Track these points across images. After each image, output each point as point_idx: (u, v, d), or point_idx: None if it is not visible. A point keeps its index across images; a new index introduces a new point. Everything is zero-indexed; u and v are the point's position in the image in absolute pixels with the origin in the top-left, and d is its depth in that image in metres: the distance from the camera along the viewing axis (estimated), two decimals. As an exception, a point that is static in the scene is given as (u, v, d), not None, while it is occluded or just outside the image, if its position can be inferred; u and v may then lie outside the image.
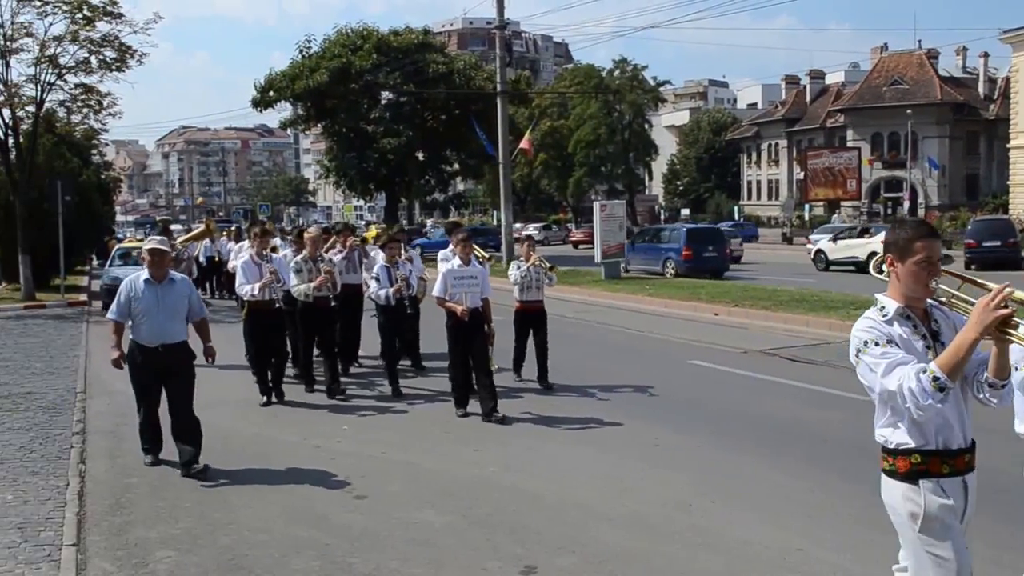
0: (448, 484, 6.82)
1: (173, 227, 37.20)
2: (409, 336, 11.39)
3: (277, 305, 10.03)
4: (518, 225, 51.60)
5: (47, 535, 5.77)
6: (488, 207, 75.65)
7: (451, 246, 10.43)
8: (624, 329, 15.83)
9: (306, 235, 10.62)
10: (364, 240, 13.01)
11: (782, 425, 8.57)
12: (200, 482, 6.89)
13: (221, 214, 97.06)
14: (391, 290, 10.02)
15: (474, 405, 9.04)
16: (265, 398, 9.78)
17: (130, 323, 7.18)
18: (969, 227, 31.60)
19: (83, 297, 22.47)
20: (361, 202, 60.86)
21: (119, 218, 68.90)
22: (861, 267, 27.20)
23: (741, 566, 5.16)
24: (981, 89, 62.72)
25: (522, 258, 10.65)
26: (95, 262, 36.72)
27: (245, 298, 10.04)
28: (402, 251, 10.86)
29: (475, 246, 10.12)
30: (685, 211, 70.24)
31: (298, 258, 10.13)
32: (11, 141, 21.83)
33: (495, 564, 5.26)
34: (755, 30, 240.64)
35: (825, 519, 5.88)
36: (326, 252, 10.99)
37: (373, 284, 10.20)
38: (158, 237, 7.99)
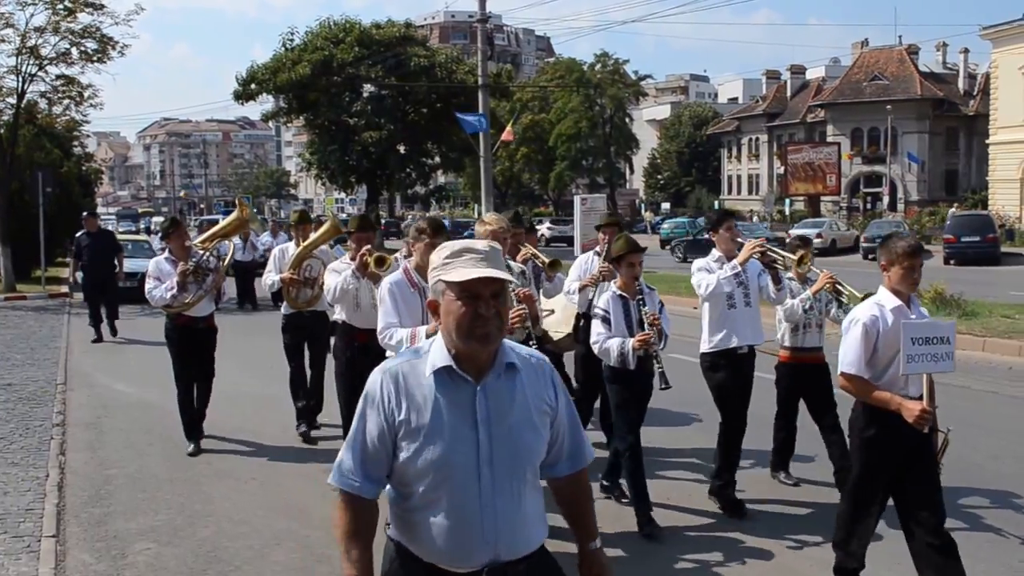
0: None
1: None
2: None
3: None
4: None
5: (27, 527, 5.79)
6: (469, 200, 75.58)
7: (713, 255, 6.11)
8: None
9: (479, 227, 5.55)
10: (554, 264, 6.79)
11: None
12: (181, 474, 6.87)
13: (202, 206, 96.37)
14: (633, 341, 5.48)
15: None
16: None
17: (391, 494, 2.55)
18: (948, 222, 31.88)
19: (64, 289, 22.32)
20: (342, 195, 60.62)
21: (100, 210, 68.04)
22: None
23: (737, 563, 5.21)
24: (961, 85, 63.07)
25: (790, 274, 6.30)
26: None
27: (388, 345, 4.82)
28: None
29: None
30: (666, 205, 70.53)
31: None
32: (-9, 132, 21.68)
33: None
34: (736, 25, 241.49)
35: (821, 516, 5.83)
36: (352, 260, 6.32)
37: (600, 328, 5.61)
38: (489, 247, 2.46)
